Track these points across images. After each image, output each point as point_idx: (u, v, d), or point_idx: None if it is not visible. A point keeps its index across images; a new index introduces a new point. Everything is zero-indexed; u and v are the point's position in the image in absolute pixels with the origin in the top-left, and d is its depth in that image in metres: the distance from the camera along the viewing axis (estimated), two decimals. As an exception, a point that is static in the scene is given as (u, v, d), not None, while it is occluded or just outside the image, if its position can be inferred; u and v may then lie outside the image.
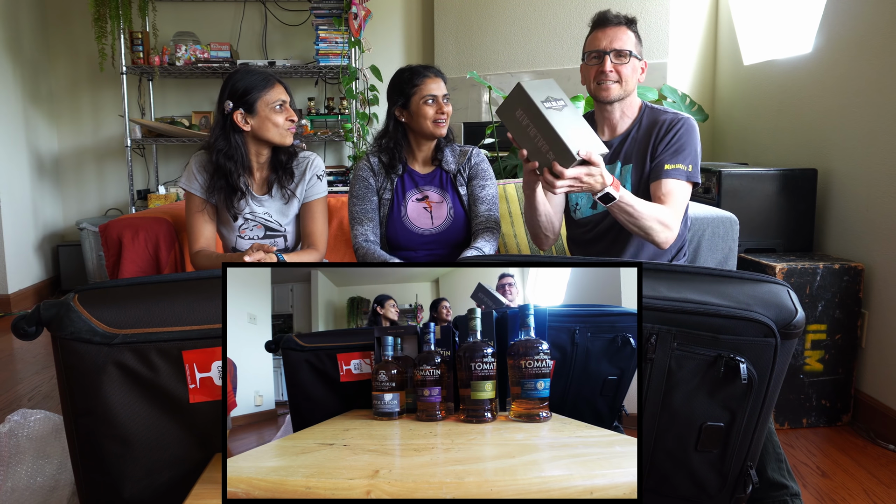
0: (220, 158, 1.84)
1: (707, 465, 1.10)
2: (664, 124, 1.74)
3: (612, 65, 1.70)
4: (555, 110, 1.45)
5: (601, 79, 1.71)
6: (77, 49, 3.95)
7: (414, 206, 1.99)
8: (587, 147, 1.44)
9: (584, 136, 1.46)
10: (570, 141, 1.41)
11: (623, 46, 1.70)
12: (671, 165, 1.70)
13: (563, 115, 1.45)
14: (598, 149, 1.47)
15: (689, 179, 1.70)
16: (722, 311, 1.06)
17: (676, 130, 1.73)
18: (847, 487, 1.75)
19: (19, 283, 3.64)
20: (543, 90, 1.48)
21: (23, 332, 1.04)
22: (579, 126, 1.47)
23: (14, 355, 2.87)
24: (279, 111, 1.82)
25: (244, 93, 1.82)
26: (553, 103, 1.46)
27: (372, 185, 1.99)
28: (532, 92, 1.45)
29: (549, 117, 1.43)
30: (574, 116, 1.47)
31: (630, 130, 1.78)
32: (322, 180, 1.98)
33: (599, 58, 1.72)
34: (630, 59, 1.71)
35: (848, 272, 2.08)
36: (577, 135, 1.44)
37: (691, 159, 1.71)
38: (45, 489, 1.38)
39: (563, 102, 1.48)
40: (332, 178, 3.80)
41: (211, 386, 1.08)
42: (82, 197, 4.10)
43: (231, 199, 1.88)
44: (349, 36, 3.62)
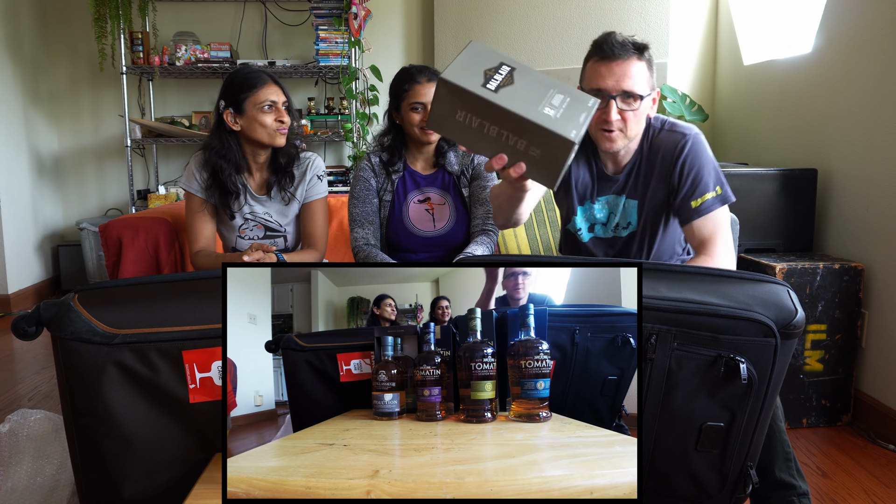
0: (213, 157, 1.85)
1: (707, 465, 1.10)
2: (668, 154, 1.52)
3: (619, 110, 1.44)
4: (507, 88, 1.04)
5: (604, 126, 1.46)
6: (77, 49, 3.95)
7: (415, 207, 1.97)
8: (579, 118, 1.05)
9: (565, 104, 1.06)
10: (554, 124, 1.02)
11: (633, 87, 1.43)
12: (698, 201, 1.47)
13: (522, 88, 1.04)
14: (589, 109, 1.07)
15: (724, 202, 1.49)
16: (722, 311, 1.06)
17: (683, 159, 1.50)
18: (847, 487, 1.75)
19: (19, 283, 3.64)
20: (474, 66, 1.05)
21: (23, 332, 1.04)
22: (548, 91, 1.06)
23: (14, 355, 2.87)
24: (267, 111, 1.80)
25: (235, 92, 1.82)
26: (498, 77, 1.05)
27: (373, 185, 1.97)
28: (462, 79, 1.03)
29: (507, 105, 1.02)
30: (533, 80, 1.06)
31: (634, 161, 1.57)
32: (322, 181, 1.97)
33: (604, 100, 1.43)
34: (640, 102, 1.45)
35: (848, 272, 2.08)
36: (555, 108, 1.04)
37: (715, 179, 1.49)
38: (45, 489, 1.38)
39: (507, 67, 1.06)
40: (332, 178, 3.80)
41: (211, 386, 1.08)
42: (82, 197, 4.10)
43: (227, 199, 1.88)
44: (349, 36, 3.62)
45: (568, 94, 1.06)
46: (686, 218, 1.49)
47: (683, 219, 1.50)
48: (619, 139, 1.48)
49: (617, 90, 1.43)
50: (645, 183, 1.57)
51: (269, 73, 1.85)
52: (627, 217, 1.61)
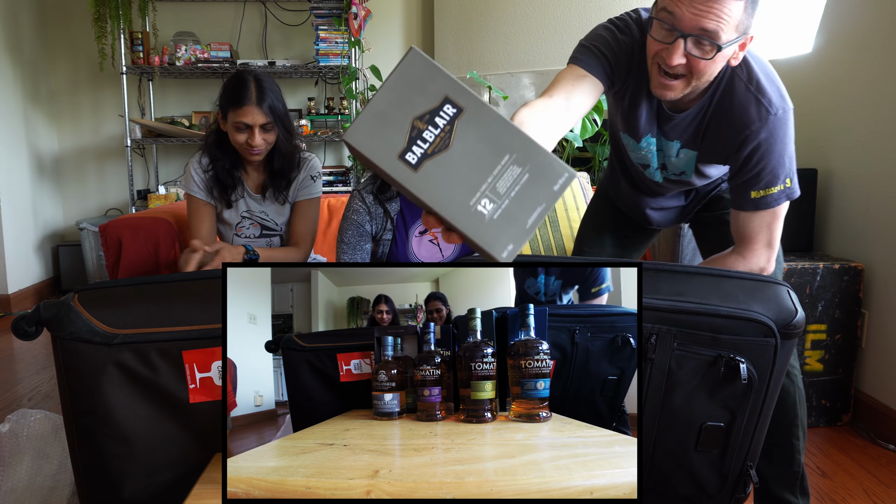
0: (211, 147, 1.89)
1: (707, 465, 1.10)
2: (741, 124, 1.23)
3: (686, 54, 1.15)
4: (436, 158, 0.66)
5: (664, 67, 1.19)
6: (77, 49, 3.95)
7: (418, 241, 1.80)
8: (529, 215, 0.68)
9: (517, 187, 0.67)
10: (484, 233, 0.67)
11: (715, 31, 1.11)
12: (760, 193, 1.24)
13: (460, 157, 0.67)
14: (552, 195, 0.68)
15: (789, 198, 1.26)
16: (722, 311, 1.06)
17: (759, 142, 1.22)
18: (847, 487, 1.75)
19: (19, 283, 3.64)
20: (400, 110, 0.67)
21: (23, 332, 1.04)
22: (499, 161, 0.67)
23: (14, 355, 2.87)
24: (241, 131, 1.81)
25: (222, 101, 1.84)
26: (428, 136, 0.66)
27: (367, 230, 1.75)
28: (373, 142, 0.66)
29: (426, 196, 0.67)
30: (483, 139, 0.67)
31: (702, 108, 1.29)
32: (316, 181, 1.97)
33: (671, 34, 1.14)
34: (717, 53, 1.14)
35: (848, 272, 2.08)
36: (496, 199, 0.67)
37: (787, 170, 1.24)
38: (45, 489, 1.38)
39: (449, 111, 0.67)
40: (332, 177, 3.80)
41: (211, 386, 1.08)
42: (82, 197, 4.10)
43: (225, 191, 1.90)
44: (349, 36, 3.62)
45: (529, 163, 0.67)
46: (740, 204, 1.28)
47: (736, 203, 1.29)
48: (678, 88, 1.20)
49: (693, 28, 1.12)
50: (707, 136, 1.31)
51: (258, 89, 1.81)
52: (681, 167, 1.40)
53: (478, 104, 0.67)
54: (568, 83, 1.20)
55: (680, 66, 1.16)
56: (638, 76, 1.29)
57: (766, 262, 1.30)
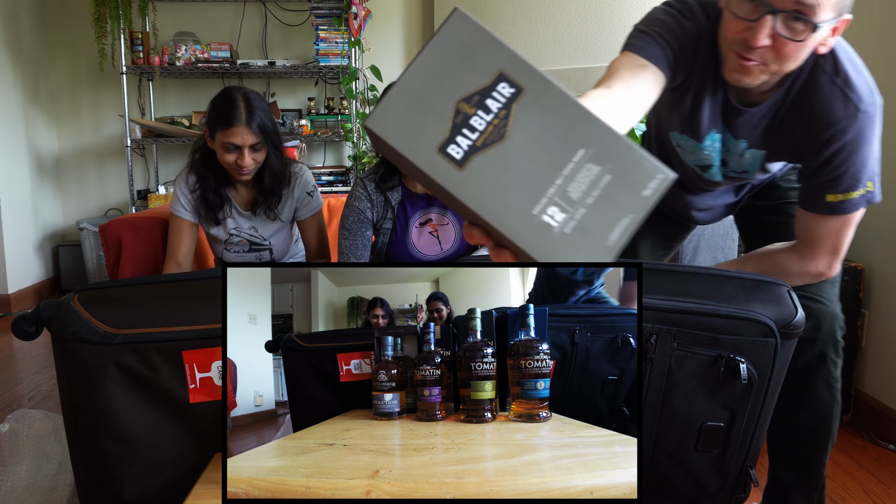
0: (198, 165, 1.86)
1: (707, 465, 1.10)
2: (824, 121, 1.10)
3: (771, 35, 0.99)
4: (488, 153, 0.51)
5: (742, 50, 1.02)
6: (77, 49, 3.95)
7: (418, 232, 1.84)
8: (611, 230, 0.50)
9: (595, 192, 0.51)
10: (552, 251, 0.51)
11: (813, 7, 0.95)
12: (838, 197, 1.12)
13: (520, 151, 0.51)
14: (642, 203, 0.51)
15: (868, 203, 1.14)
16: (722, 311, 1.06)
17: (843, 144, 1.09)
18: (847, 487, 1.75)
19: (19, 283, 3.64)
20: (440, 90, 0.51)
21: (23, 332, 1.04)
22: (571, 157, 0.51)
23: (14, 355, 2.87)
24: (230, 151, 1.77)
25: (210, 120, 1.80)
26: (479, 123, 0.51)
27: (368, 217, 1.79)
28: (405, 133, 0.50)
29: (474, 204, 0.51)
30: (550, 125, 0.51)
31: (777, 101, 1.14)
32: (314, 195, 1.94)
33: (757, 9, 0.98)
34: (811, 34, 0.98)
35: (848, 272, 2.08)
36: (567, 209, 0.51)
37: (869, 173, 1.12)
38: (45, 489, 1.38)
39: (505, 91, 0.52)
40: (332, 177, 3.80)
41: (211, 386, 1.08)
42: (82, 197, 4.10)
43: (213, 211, 1.87)
44: (349, 36, 3.62)
45: (612, 161, 0.51)
46: (811, 206, 1.16)
47: (807, 203, 1.17)
48: (757, 73, 1.04)
49: (785, 3, 0.96)
50: (780, 135, 1.17)
51: (247, 108, 1.76)
52: (744, 166, 1.27)
53: (543, 82, 0.53)
54: (627, 73, 1.01)
55: (766, 48, 1.00)
56: (704, 67, 1.14)
57: (826, 267, 1.20)
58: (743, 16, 1.00)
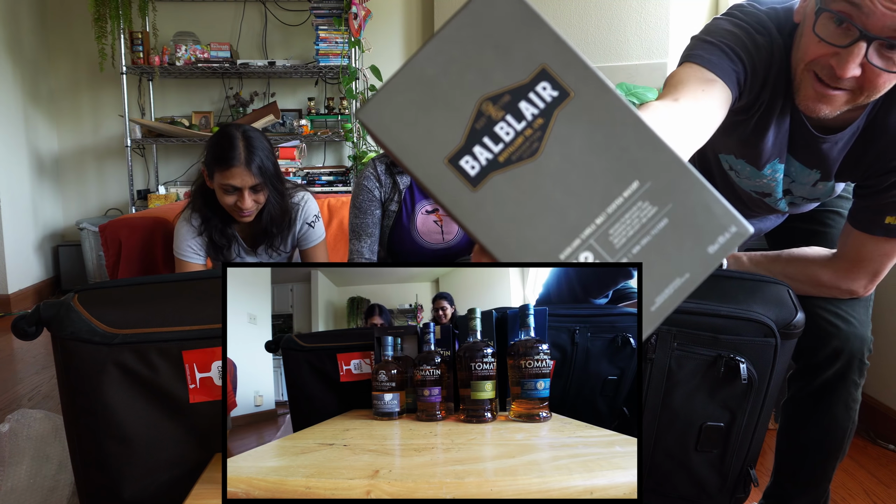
0: (199, 207, 1.81)
1: (707, 465, 1.10)
2: (893, 149, 1.03)
3: (863, 64, 0.86)
4: (516, 169, 0.39)
5: (827, 79, 0.92)
6: (77, 49, 3.95)
7: (423, 218, 1.87)
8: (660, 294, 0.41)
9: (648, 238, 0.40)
10: None
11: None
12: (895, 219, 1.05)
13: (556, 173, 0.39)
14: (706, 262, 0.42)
15: None
16: (722, 311, 1.06)
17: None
18: (847, 487, 1.75)
19: (19, 283, 3.64)
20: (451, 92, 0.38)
21: (23, 332, 1.04)
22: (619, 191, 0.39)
23: (14, 355, 2.87)
24: (229, 193, 1.73)
25: (208, 159, 1.75)
26: (507, 129, 0.38)
27: (377, 196, 1.85)
28: (404, 129, 0.41)
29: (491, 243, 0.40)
30: (597, 142, 0.39)
31: (854, 131, 1.06)
32: (315, 225, 1.90)
33: (848, 35, 0.86)
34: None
35: (848, 272, 2.08)
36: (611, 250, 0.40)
37: None
38: (45, 489, 1.38)
39: (546, 93, 0.38)
40: (332, 177, 3.80)
41: (211, 386, 1.08)
42: (82, 197, 4.10)
43: (220, 250, 1.84)
44: (349, 36, 3.62)
45: (673, 201, 0.40)
46: (864, 225, 1.09)
47: (859, 222, 1.10)
48: (840, 102, 0.93)
49: (883, 29, 0.82)
50: (849, 162, 1.09)
51: (246, 148, 1.70)
52: (814, 195, 1.20)
53: (599, 86, 0.39)
54: (695, 87, 0.88)
55: (855, 78, 0.88)
56: (774, 90, 1.02)
57: (862, 288, 1.16)
58: (830, 40, 0.88)
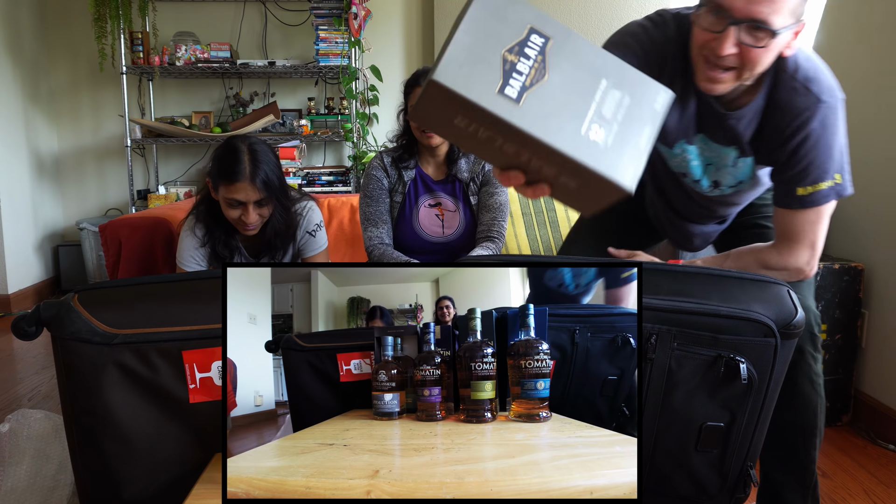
0: (203, 217, 1.79)
1: (707, 465, 1.10)
2: (789, 117, 1.16)
3: (736, 44, 1.05)
4: (536, 90, 0.64)
5: (712, 58, 1.09)
6: (77, 49, 3.95)
7: (426, 212, 1.95)
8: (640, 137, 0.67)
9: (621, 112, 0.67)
10: (603, 162, 0.65)
11: (769, 16, 1.02)
12: (808, 189, 1.18)
13: (559, 87, 0.65)
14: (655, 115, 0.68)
15: (838, 195, 1.19)
16: (722, 311, 1.06)
17: (806, 134, 1.15)
18: (847, 487, 1.75)
19: (19, 283, 3.64)
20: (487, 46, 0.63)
21: (23, 332, 1.04)
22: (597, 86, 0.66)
23: (14, 355, 2.87)
24: (234, 207, 1.71)
25: (214, 172, 1.73)
26: (523, 68, 0.64)
27: (385, 185, 1.95)
28: (467, 82, 0.62)
29: (535, 131, 0.63)
30: (577, 66, 0.66)
31: (758, 105, 1.20)
32: (316, 235, 1.89)
33: (721, 22, 1.05)
34: (772, 40, 1.05)
35: (848, 272, 2.08)
36: (605, 126, 0.66)
37: (837, 165, 1.18)
38: (45, 489, 1.38)
39: (537, 41, 0.65)
40: (332, 177, 3.80)
41: (211, 386, 1.08)
42: (82, 197, 4.10)
43: (223, 259, 1.82)
44: (349, 36, 3.62)
45: (627, 88, 0.67)
46: (784, 202, 1.22)
47: (780, 201, 1.24)
48: (728, 80, 1.11)
49: (744, 13, 1.02)
50: (762, 136, 1.21)
51: (251, 162, 1.68)
52: (738, 176, 1.31)
53: (564, 31, 0.66)
54: None
55: (731, 56, 1.07)
56: (672, 74, 1.20)
57: (806, 263, 1.25)
58: (708, 27, 1.08)
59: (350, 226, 2.45)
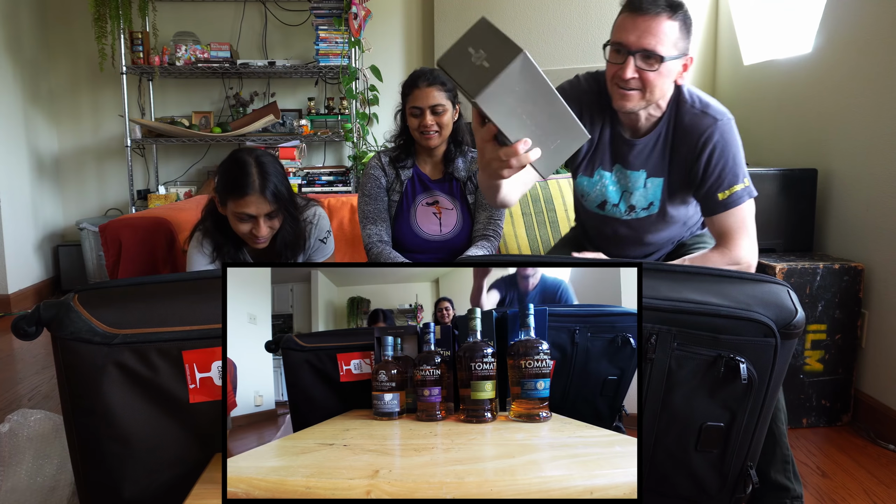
0: (210, 232, 1.77)
1: (707, 465, 1.10)
2: (695, 138, 1.44)
3: (636, 69, 1.36)
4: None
5: (621, 83, 1.38)
6: (77, 49, 3.95)
7: (423, 210, 1.98)
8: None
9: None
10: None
11: (655, 46, 1.34)
12: (726, 193, 1.42)
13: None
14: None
15: (750, 196, 1.44)
16: (722, 311, 1.06)
17: (713, 147, 1.42)
18: (847, 487, 1.75)
19: (19, 283, 3.64)
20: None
21: (23, 332, 1.04)
22: None
23: (14, 355, 2.87)
24: (243, 220, 1.68)
25: (221, 187, 1.70)
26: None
27: (383, 183, 1.98)
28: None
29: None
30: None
31: (660, 132, 1.49)
32: (326, 241, 1.89)
33: (622, 55, 1.37)
34: (661, 65, 1.35)
35: (848, 272, 2.08)
36: None
37: (742, 171, 1.44)
38: (45, 489, 1.38)
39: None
40: (332, 178, 3.79)
41: (211, 386, 1.08)
42: (82, 197, 4.10)
43: None
44: (349, 36, 3.62)
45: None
46: (711, 209, 1.44)
47: (708, 210, 1.46)
48: (636, 99, 1.39)
49: (637, 46, 1.34)
50: (670, 159, 1.48)
51: (260, 175, 1.65)
52: (649, 197, 1.54)
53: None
54: None
55: (633, 79, 1.36)
56: (591, 111, 1.52)
57: (748, 253, 1.42)
58: (614, 61, 1.39)
59: (350, 226, 2.45)
